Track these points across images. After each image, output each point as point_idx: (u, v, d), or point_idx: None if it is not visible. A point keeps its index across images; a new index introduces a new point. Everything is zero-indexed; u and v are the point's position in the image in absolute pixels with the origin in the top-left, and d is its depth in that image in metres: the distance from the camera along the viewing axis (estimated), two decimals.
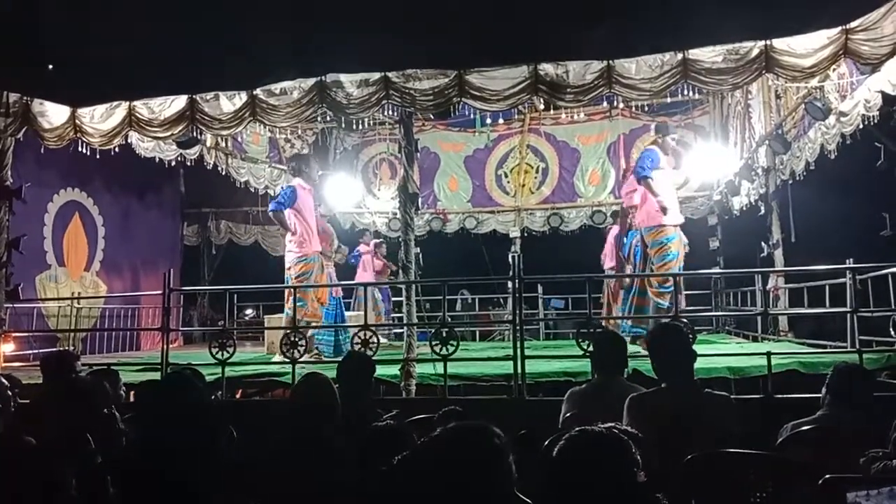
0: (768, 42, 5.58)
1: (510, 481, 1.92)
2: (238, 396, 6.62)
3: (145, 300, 10.67)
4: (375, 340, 6.06)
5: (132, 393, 4.94)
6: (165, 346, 6.35)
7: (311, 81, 6.34)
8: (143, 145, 8.03)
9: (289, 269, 7.44)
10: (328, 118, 9.28)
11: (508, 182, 12.91)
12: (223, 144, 10.00)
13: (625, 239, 8.40)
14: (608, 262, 10.39)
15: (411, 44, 5.94)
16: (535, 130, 12.71)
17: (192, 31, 5.88)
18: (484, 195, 12.97)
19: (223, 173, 10.42)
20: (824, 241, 9.03)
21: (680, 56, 5.79)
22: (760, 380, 5.63)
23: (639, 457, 1.89)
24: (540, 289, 11.90)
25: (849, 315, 6.03)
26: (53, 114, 6.99)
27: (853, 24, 5.23)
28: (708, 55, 5.77)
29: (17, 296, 7.05)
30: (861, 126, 6.45)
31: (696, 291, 11.37)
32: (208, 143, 9.46)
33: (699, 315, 10.62)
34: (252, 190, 11.24)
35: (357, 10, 5.60)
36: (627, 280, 7.80)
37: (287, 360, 6.12)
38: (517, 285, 5.93)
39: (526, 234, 12.63)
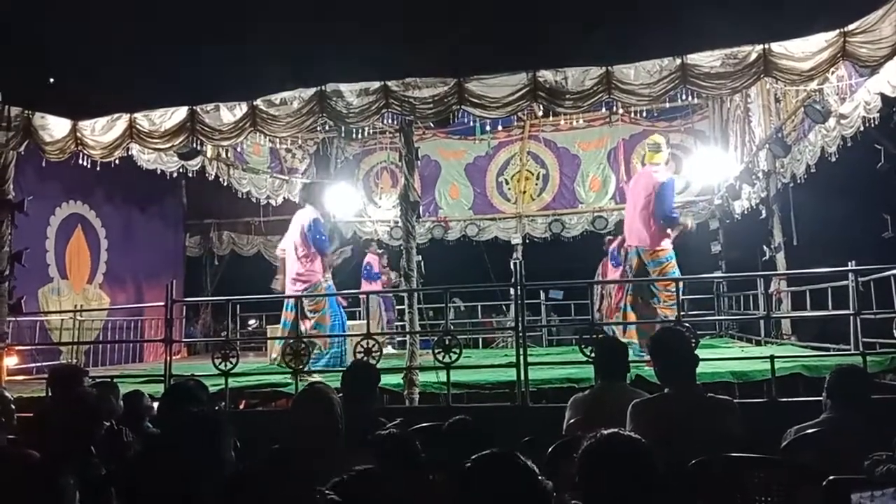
0: (766, 46, 5.58)
1: None
2: (241, 407, 6.61)
3: (148, 312, 10.64)
4: (378, 349, 6.05)
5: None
6: (169, 358, 6.34)
7: (311, 91, 6.36)
8: (145, 157, 8.04)
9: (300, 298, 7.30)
10: (328, 128, 9.29)
11: (509, 189, 12.91)
12: (224, 155, 10.02)
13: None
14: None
15: (410, 52, 5.97)
16: (535, 137, 12.72)
17: (192, 42, 5.93)
18: (485, 202, 12.98)
19: (225, 184, 10.43)
20: (826, 244, 9.02)
21: (678, 61, 5.80)
22: (764, 384, 5.61)
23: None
24: (542, 295, 11.90)
25: (852, 317, 6.03)
26: (54, 127, 7.01)
27: (851, 27, 5.23)
28: (706, 60, 5.77)
29: (20, 309, 7.05)
30: (861, 128, 6.45)
31: (698, 296, 11.35)
32: (209, 155, 9.46)
33: (702, 319, 10.60)
34: (254, 200, 11.25)
35: (356, 20, 5.64)
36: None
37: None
38: (519, 292, 5.92)
39: (527, 241, 12.62)
